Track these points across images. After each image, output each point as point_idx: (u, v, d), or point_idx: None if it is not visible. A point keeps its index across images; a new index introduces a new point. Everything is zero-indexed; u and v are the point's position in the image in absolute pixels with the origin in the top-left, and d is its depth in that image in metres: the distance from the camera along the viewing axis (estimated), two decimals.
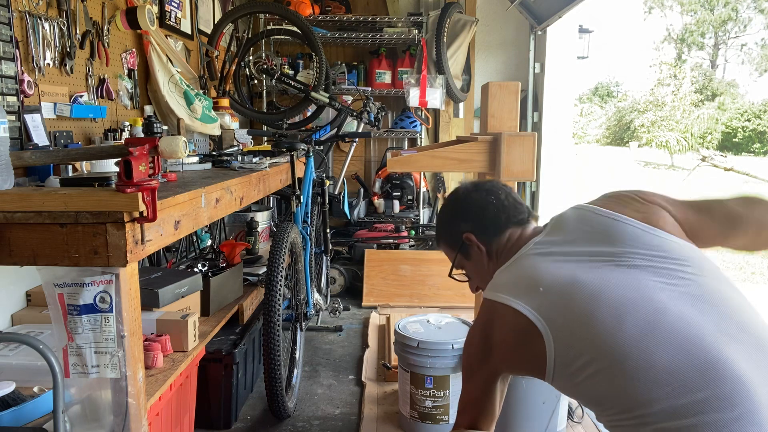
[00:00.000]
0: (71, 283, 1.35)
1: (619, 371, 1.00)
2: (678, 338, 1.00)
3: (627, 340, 1.01)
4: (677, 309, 1.04)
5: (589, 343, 1.04)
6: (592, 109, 26.20)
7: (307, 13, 4.32)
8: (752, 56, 28.60)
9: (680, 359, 0.98)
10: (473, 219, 1.36)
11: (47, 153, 1.59)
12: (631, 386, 0.99)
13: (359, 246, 4.24)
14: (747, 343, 1.02)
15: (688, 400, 0.95)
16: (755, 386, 0.96)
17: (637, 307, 1.04)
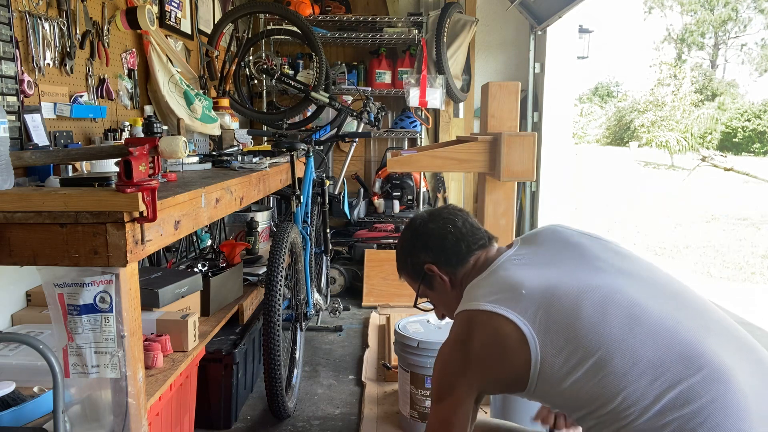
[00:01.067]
0: (71, 283, 1.35)
1: (608, 368, 1.02)
2: (659, 332, 1.04)
3: (613, 336, 1.04)
4: (656, 305, 1.08)
5: (576, 343, 1.05)
6: (592, 109, 26.22)
7: (307, 13, 4.32)
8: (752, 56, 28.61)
9: (663, 352, 1.01)
10: (434, 250, 1.34)
11: (47, 153, 1.59)
12: (619, 382, 1.01)
13: (359, 246, 4.24)
14: (720, 335, 1.07)
15: (675, 389, 0.99)
16: (732, 370, 1.01)
17: (618, 305, 1.07)
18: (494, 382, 1.15)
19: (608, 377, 1.01)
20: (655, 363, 1.00)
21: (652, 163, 18.09)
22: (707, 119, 20.82)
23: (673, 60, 26.42)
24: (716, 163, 13.23)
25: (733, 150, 21.57)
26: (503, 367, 1.11)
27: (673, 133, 18.77)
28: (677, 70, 22.38)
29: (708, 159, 13.75)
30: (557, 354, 1.05)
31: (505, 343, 1.09)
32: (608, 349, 1.02)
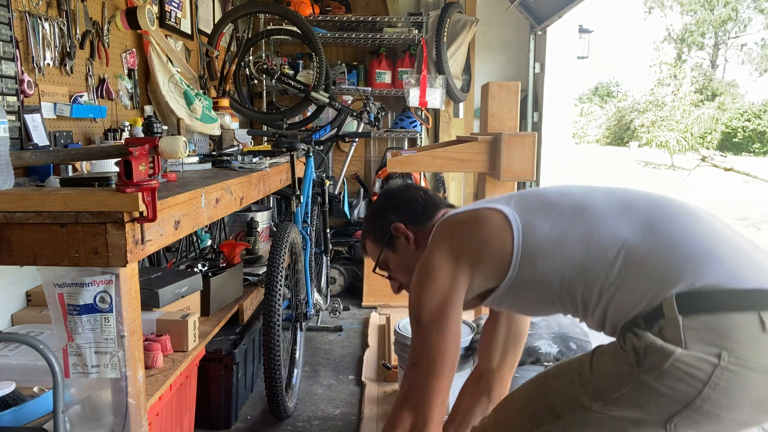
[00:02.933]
0: (71, 283, 1.35)
1: (582, 216, 1.15)
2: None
3: (575, 197, 1.21)
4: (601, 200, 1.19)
5: (549, 207, 1.19)
6: (592, 109, 26.20)
7: (307, 13, 4.32)
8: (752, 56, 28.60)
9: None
10: (403, 209, 1.42)
11: (47, 153, 1.59)
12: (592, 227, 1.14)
13: (359, 246, 4.24)
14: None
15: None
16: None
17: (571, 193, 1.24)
18: (481, 267, 1.18)
19: (583, 223, 1.14)
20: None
21: (652, 163, 18.08)
22: (707, 119, 20.81)
23: (673, 60, 26.41)
24: (716, 163, 13.22)
25: (733, 150, 21.56)
26: (491, 246, 1.17)
27: (673, 133, 18.76)
28: (677, 70, 22.37)
29: (708, 159, 13.74)
30: (534, 222, 1.16)
31: (489, 223, 1.18)
32: (575, 204, 1.18)
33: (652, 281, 1.05)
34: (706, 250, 1.05)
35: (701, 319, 0.98)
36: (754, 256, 1.06)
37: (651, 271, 1.06)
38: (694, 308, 0.99)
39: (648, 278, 1.06)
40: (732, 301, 0.98)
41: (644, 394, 1.02)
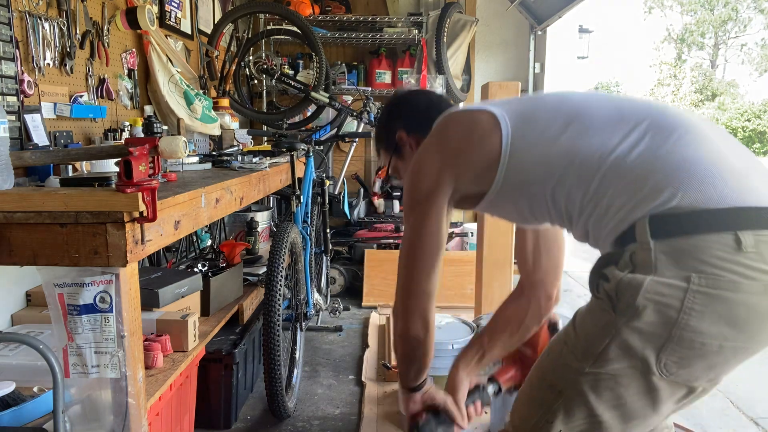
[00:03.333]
0: (71, 283, 1.35)
1: (575, 123, 1.10)
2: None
3: (573, 104, 1.16)
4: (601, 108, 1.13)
5: (542, 112, 1.15)
6: None
7: (307, 13, 4.32)
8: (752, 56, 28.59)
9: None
10: (404, 117, 1.41)
11: (47, 153, 1.59)
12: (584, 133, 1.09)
13: (359, 246, 4.24)
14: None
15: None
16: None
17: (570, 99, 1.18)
18: (467, 169, 1.16)
19: (574, 130, 1.09)
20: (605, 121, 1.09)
21: None
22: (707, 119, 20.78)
23: (673, 60, 26.42)
24: None
25: None
26: (478, 148, 1.15)
27: None
28: (677, 70, 22.38)
29: None
30: (525, 127, 1.12)
31: (479, 125, 1.15)
32: (570, 111, 1.12)
33: (629, 197, 1.00)
34: (693, 166, 0.97)
35: (673, 242, 0.93)
36: (746, 173, 0.98)
37: (630, 186, 1.01)
38: (666, 231, 0.94)
39: (626, 194, 1.01)
40: (706, 222, 0.92)
41: (627, 339, 0.98)
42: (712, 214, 0.92)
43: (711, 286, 0.91)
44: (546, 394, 1.10)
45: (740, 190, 0.95)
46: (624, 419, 1.03)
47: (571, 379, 1.06)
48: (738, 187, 0.95)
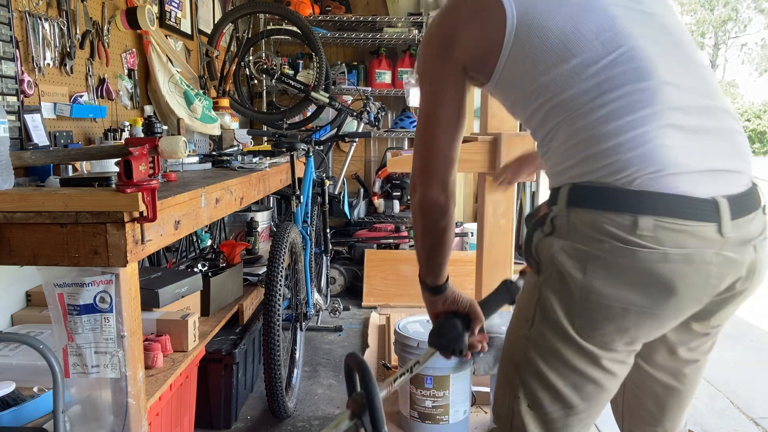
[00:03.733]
0: (71, 283, 1.35)
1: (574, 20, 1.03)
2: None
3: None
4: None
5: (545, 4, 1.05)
6: None
7: (307, 13, 4.32)
8: (752, 56, 28.59)
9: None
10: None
11: (47, 153, 1.59)
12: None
13: (359, 246, 4.24)
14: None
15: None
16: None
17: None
18: (472, 48, 1.10)
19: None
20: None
21: None
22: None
23: None
24: None
25: None
26: (482, 28, 1.07)
27: None
28: None
29: None
30: (530, 15, 1.04)
31: (485, 4, 1.07)
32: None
33: (567, 155, 1.02)
34: (626, 143, 0.96)
35: (583, 212, 0.97)
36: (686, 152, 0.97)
37: (574, 142, 1.01)
38: (579, 202, 0.98)
39: (567, 150, 1.02)
40: (614, 201, 0.95)
41: (545, 299, 1.02)
42: (621, 193, 0.94)
43: (611, 252, 0.94)
44: (509, 371, 1.12)
45: (653, 161, 0.95)
46: (577, 389, 1.05)
47: (521, 348, 1.09)
48: (652, 157, 0.95)
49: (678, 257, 0.92)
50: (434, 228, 1.20)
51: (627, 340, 1.00)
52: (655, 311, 0.97)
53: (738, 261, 0.96)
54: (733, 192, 0.95)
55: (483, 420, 2.34)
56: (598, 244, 0.95)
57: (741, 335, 3.48)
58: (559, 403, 1.06)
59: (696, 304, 0.98)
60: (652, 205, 0.92)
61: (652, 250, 0.93)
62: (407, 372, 1.33)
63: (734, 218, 0.94)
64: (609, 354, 1.02)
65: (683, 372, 1.15)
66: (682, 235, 0.92)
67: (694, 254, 0.92)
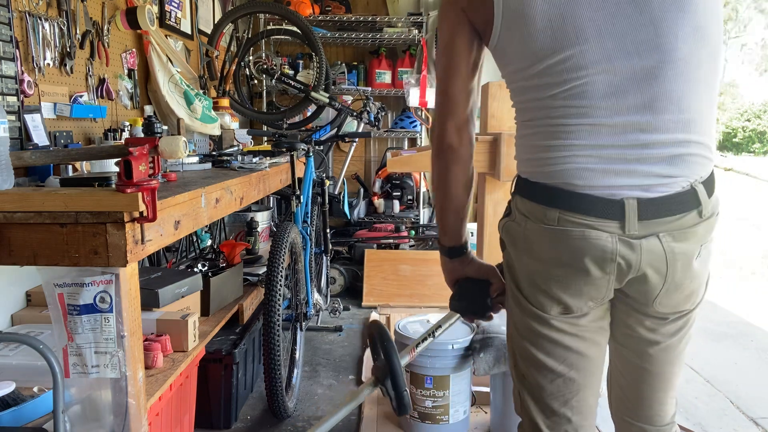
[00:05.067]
0: (71, 283, 1.35)
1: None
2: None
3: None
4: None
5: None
6: None
7: (307, 13, 4.32)
8: (752, 56, 28.60)
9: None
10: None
11: (47, 153, 1.59)
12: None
13: (359, 246, 4.25)
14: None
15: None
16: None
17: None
18: (474, 6, 1.13)
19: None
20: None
21: None
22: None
23: None
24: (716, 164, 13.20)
25: (733, 150, 21.54)
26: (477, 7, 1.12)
27: None
28: None
29: None
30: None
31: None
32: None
33: (519, 151, 1.18)
34: (561, 161, 1.08)
35: (521, 200, 1.15)
36: (625, 156, 1.05)
37: (524, 143, 1.16)
38: (521, 191, 1.16)
39: (519, 146, 1.18)
40: (536, 193, 1.12)
41: (506, 272, 1.21)
42: (540, 189, 1.11)
43: (530, 229, 1.12)
44: (508, 347, 1.27)
45: (575, 175, 1.07)
46: (548, 352, 1.16)
47: (508, 323, 1.24)
48: (567, 175, 1.08)
49: (576, 234, 1.07)
50: (446, 175, 1.24)
51: (561, 306, 1.13)
52: (567, 278, 1.10)
53: (634, 244, 1.06)
54: (649, 196, 1.05)
55: (483, 420, 2.34)
56: (525, 224, 1.13)
57: (741, 335, 3.48)
58: (543, 370, 1.18)
59: (602, 273, 1.08)
60: (559, 201, 1.08)
61: (557, 229, 1.08)
62: (429, 336, 1.36)
63: (643, 219, 1.05)
64: (556, 317, 1.15)
65: (647, 352, 1.20)
66: (581, 226, 1.07)
67: (590, 233, 1.06)
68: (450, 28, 1.18)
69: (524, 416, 1.24)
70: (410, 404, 1.25)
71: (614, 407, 1.31)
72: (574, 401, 1.19)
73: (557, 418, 1.19)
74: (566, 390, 1.18)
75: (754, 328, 3.61)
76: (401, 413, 1.27)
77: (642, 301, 1.14)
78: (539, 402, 1.20)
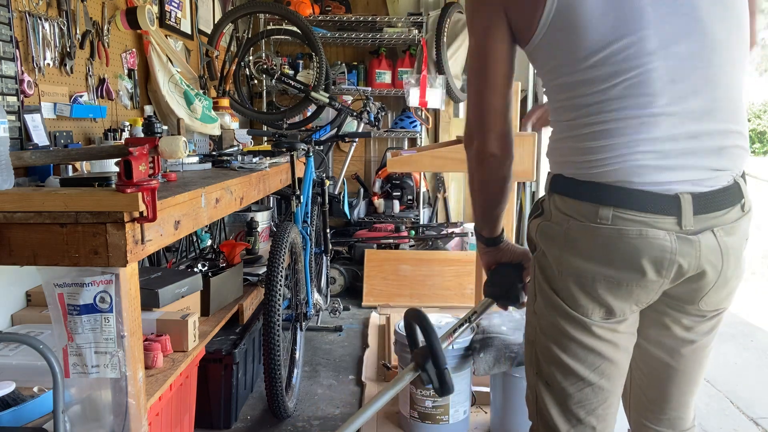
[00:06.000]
0: (71, 283, 1.35)
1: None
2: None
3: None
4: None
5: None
6: None
7: (307, 13, 4.32)
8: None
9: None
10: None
11: (47, 153, 1.59)
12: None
13: (359, 246, 4.24)
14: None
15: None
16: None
17: None
18: (510, 16, 1.09)
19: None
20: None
21: None
22: None
23: None
24: None
25: None
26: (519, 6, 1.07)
27: None
28: None
29: None
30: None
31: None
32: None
33: (560, 152, 1.12)
34: (616, 147, 1.03)
35: (561, 198, 1.10)
36: (666, 153, 1.02)
37: (567, 145, 1.10)
38: (560, 190, 1.11)
39: (560, 148, 1.12)
40: (585, 192, 1.06)
41: (537, 274, 1.14)
42: (590, 186, 1.06)
43: (577, 229, 1.07)
44: (528, 350, 1.21)
45: (632, 172, 1.03)
46: (580, 359, 1.11)
47: (533, 325, 1.18)
48: (623, 173, 1.03)
49: (633, 233, 1.02)
50: (491, 179, 1.22)
51: (604, 310, 1.08)
52: (620, 280, 1.05)
53: (692, 240, 1.03)
54: (702, 191, 1.03)
55: (483, 420, 2.34)
56: (567, 223, 1.08)
57: (741, 335, 3.48)
58: (571, 377, 1.12)
59: (659, 277, 1.05)
60: (612, 198, 1.03)
61: (611, 227, 1.03)
62: (466, 322, 1.37)
63: (697, 213, 1.02)
64: (596, 323, 1.09)
65: (680, 351, 1.18)
66: (637, 223, 1.02)
67: (648, 232, 1.02)
68: (484, 29, 1.11)
69: (540, 422, 1.19)
70: (453, 385, 1.25)
71: (633, 411, 1.28)
72: (600, 410, 1.15)
73: (582, 426, 1.15)
74: (594, 398, 1.13)
75: (754, 328, 3.61)
76: (444, 394, 1.27)
77: (687, 299, 1.11)
78: (564, 410, 1.15)
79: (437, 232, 4.25)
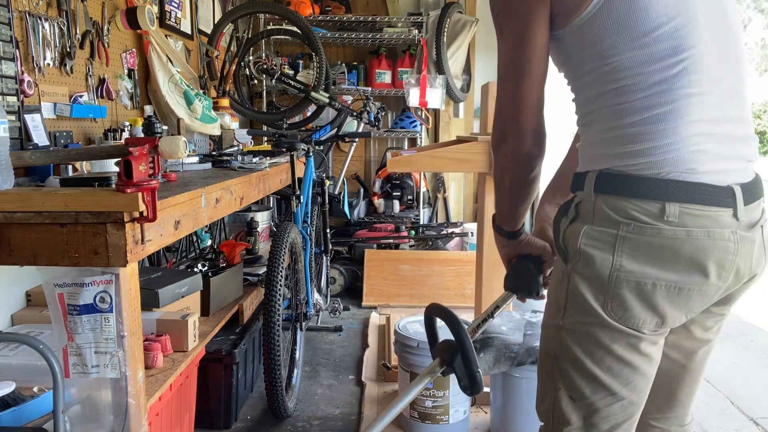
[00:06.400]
0: (71, 283, 1.35)
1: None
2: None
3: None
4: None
5: None
6: None
7: (307, 13, 4.32)
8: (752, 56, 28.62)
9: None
10: None
11: (47, 153, 1.59)
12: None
13: (359, 246, 4.24)
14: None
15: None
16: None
17: None
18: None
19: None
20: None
21: None
22: None
23: None
24: None
25: None
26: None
27: None
28: None
29: None
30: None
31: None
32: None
33: (604, 145, 1.05)
34: (666, 136, 0.99)
35: (610, 198, 1.02)
36: (714, 145, 1.01)
37: (614, 135, 1.03)
38: (607, 189, 1.03)
39: (604, 140, 1.05)
40: (642, 189, 1.00)
41: (576, 285, 1.05)
42: (651, 183, 0.99)
43: (637, 232, 1.00)
44: (548, 363, 1.13)
45: (686, 163, 0.99)
46: (615, 374, 1.06)
47: (556, 339, 1.10)
48: (685, 159, 0.99)
49: (701, 234, 0.98)
50: (524, 179, 1.16)
51: (657, 320, 1.03)
52: (682, 285, 1.00)
53: (750, 239, 1.01)
54: (744, 181, 1.02)
55: (483, 420, 2.34)
56: (625, 227, 1.00)
57: (741, 335, 3.48)
58: (601, 391, 1.07)
59: (719, 281, 1.01)
60: (679, 193, 0.98)
61: (677, 228, 0.98)
62: (489, 317, 1.35)
63: (746, 204, 1.00)
64: (641, 335, 1.04)
65: (696, 352, 1.17)
66: (703, 219, 0.98)
67: (714, 232, 0.98)
68: (525, 17, 1.05)
69: (556, 418, 1.13)
70: (483, 384, 1.21)
71: (643, 409, 1.26)
72: (627, 424, 1.11)
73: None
74: (622, 414, 1.09)
75: (754, 328, 3.61)
76: (473, 393, 1.22)
77: (726, 300, 1.09)
78: (588, 425, 1.10)
79: (437, 232, 4.25)
